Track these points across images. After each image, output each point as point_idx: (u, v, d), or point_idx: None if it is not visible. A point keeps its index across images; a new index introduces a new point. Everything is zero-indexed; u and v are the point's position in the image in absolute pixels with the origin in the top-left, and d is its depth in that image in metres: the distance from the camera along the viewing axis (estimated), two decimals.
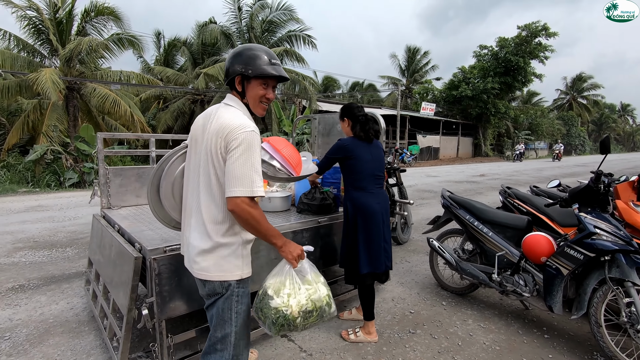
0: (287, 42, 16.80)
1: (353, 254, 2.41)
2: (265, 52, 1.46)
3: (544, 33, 24.04)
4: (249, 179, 1.31)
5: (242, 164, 1.31)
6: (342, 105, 2.67)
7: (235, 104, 1.47)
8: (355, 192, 2.43)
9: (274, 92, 1.51)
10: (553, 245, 2.51)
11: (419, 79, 35.83)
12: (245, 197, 1.31)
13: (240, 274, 1.47)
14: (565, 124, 41.55)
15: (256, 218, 1.36)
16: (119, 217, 2.66)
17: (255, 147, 1.34)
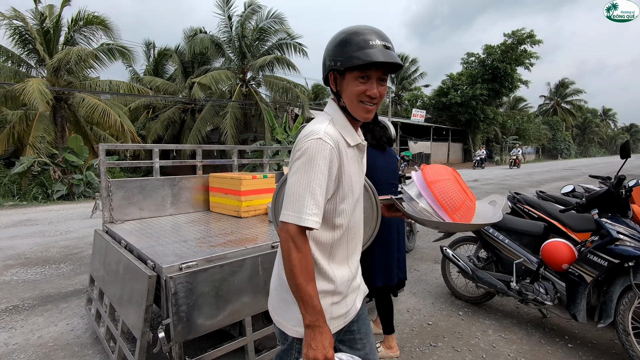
0: (278, 50, 16.80)
1: (366, 265, 2.32)
2: (363, 33, 1.05)
3: (530, 40, 24.63)
4: (301, 201, 0.97)
5: (297, 181, 0.99)
6: None
7: (332, 109, 1.13)
8: None
9: (384, 86, 1.07)
10: (574, 252, 2.47)
11: (408, 86, 36.31)
12: (293, 225, 0.97)
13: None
14: (550, 128, 42.46)
15: (292, 260, 0.97)
16: (125, 232, 2.53)
17: (319, 160, 0.98)
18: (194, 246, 2.18)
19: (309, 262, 0.99)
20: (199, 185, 3.35)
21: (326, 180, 1.00)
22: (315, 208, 0.97)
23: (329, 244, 1.11)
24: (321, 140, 1.00)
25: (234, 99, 15.33)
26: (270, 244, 2.24)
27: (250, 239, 2.35)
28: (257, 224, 2.79)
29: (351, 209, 1.12)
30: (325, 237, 1.10)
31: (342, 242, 1.13)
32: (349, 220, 1.13)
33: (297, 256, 0.97)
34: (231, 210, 3.11)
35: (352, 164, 1.10)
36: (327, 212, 1.07)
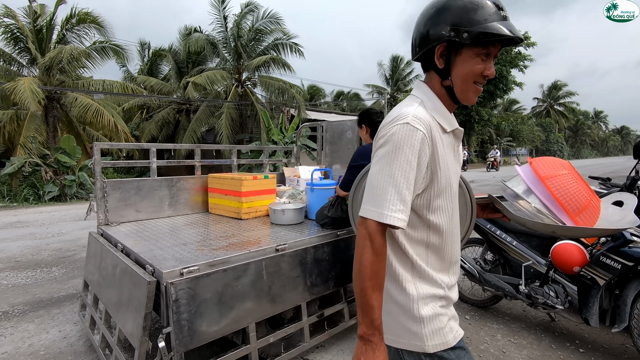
0: (274, 51, 16.71)
1: None
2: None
3: (524, 42, 24.77)
4: (382, 195, 0.84)
5: (380, 172, 0.86)
6: (360, 112, 2.53)
7: (420, 91, 0.96)
8: None
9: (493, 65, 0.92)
10: (585, 255, 2.41)
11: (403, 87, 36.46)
12: (372, 221, 0.84)
13: (422, 345, 0.91)
14: (544, 130, 42.87)
15: (364, 261, 0.84)
16: (121, 235, 2.42)
17: (405, 148, 0.84)
18: (194, 250, 2.08)
19: (382, 268, 0.85)
20: (197, 186, 3.25)
21: (414, 172, 0.85)
22: (400, 204, 0.83)
23: (424, 245, 0.94)
24: (408, 125, 0.85)
25: (230, 100, 15.19)
26: (275, 247, 2.15)
27: (253, 241, 2.25)
28: (258, 226, 2.69)
29: (449, 206, 0.95)
30: (418, 237, 0.94)
31: (440, 245, 0.95)
32: (448, 220, 0.95)
33: (371, 258, 0.84)
34: (231, 211, 3.01)
35: (448, 153, 0.93)
36: (417, 207, 0.92)
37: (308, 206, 2.95)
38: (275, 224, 2.75)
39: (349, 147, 3.49)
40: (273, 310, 2.09)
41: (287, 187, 3.57)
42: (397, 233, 0.92)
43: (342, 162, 3.58)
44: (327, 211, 2.57)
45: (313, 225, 2.73)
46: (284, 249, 2.18)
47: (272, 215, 2.79)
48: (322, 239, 2.44)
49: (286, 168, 3.83)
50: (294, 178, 3.62)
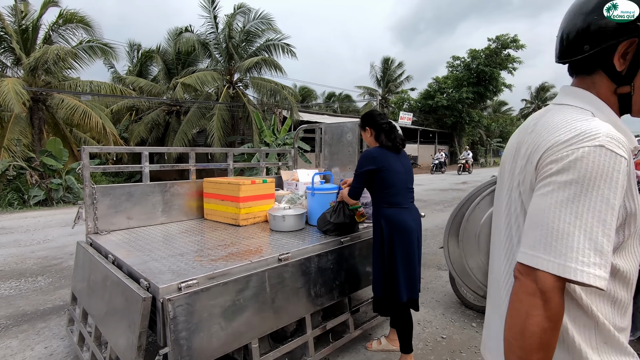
0: (266, 52, 16.57)
1: (391, 279, 2.13)
2: None
3: (514, 45, 25.10)
4: (565, 241, 0.63)
5: (559, 206, 0.65)
6: (363, 114, 2.43)
7: (583, 100, 0.76)
8: (389, 208, 2.17)
9: None
10: None
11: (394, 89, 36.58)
12: (548, 275, 0.63)
13: None
14: None
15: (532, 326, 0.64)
16: (112, 245, 2.27)
17: (603, 181, 0.63)
18: (192, 260, 1.95)
19: (555, 338, 0.64)
20: (192, 191, 3.11)
21: (614, 214, 0.64)
22: (596, 255, 0.62)
23: (609, 300, 0.73)
24: (604, 149, 0.64)
25: (221, 101, 15.00)
26: (277, 257, 2.03)
27: (254, 250, 2.13)
28: (258, 233, 2.57)
29: (636, 247, 0.74)
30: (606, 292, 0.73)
31: (626, 299, 0.74)
32: (634, 264, 0.74)
33: (543, 324, 0.62)
34: (228, 217, 2.88)
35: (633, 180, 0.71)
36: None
37: (309, 211, 2.84)
38: (275, 231, 2.63)
39: (350, 150, 3.39)
40: (276, 324, 1.97)
41: (285, 191, 3.45)
42: (575, 286, 0.70)
43: (341, 165, 3.48)
44: (329, 217, 2.45)
45: (314, 231, 2.62)
46: (287, 259, 2.07)
47: (271, 221, 2.66)
48: (326, 246, 2.33)
49: (284, 171, 3.72)
50: (292, 182, 3.50)
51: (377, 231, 2.21)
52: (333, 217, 2.43)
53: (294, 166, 3.96)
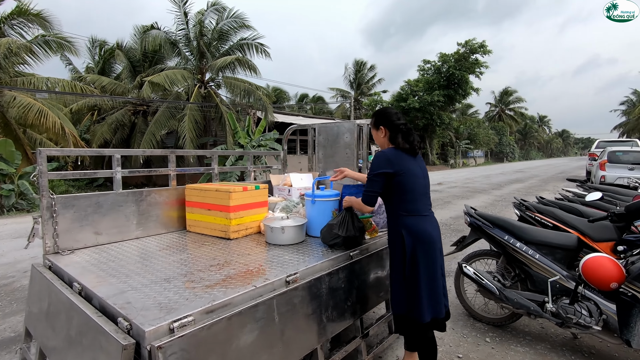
0: (239, 51, 16.04)
1: (413, 297, 1.88)
2: None
3: (481, 50, 25.96)
4: None
5: None
6: (376, 111, 2.16)
7: None
8: (410, 217, 1.92)
9: None
10: (621, 268, 2.21)
11: (367, 91, 37.03)
12: None
13: None
14: (497, 133, 45.34)
15: None
16: (77, 269, 1.86)
17: None
18: (182, 288, 1.59)
19: None
20: (172, 199, 2.72)
21: None
22: None
23: None
24: None
25: (192, 101, 14.31)
26: (284, 279, 1.71)
27: (255, 271, 1.80)
28: (253, 248, 2.23)
29: None
30: None
31: None
32: None
33: None
34: (216, 230, 2.51)
35: None
36: None
37: (308, 221, 2.54)
38: (272, 245, 2.31)
39: (347, 152, 3.11)
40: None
41: (277, 197, 3.12)
42: None
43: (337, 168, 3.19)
44: (337, 229, 2.15)
45: (317, 244, 2.32)
46: (296, 280, 1.75)
47: (268, 233, 2.34)
48: (336, 262, 2.04)
49: (274, 176, 3.38)
50: (284, 187, 3.18)
51: (397, 243, 1.94)
52: (342, 230, 2.14)
53: (283, 170, 3.64)
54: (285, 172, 3.53)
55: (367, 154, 3.08)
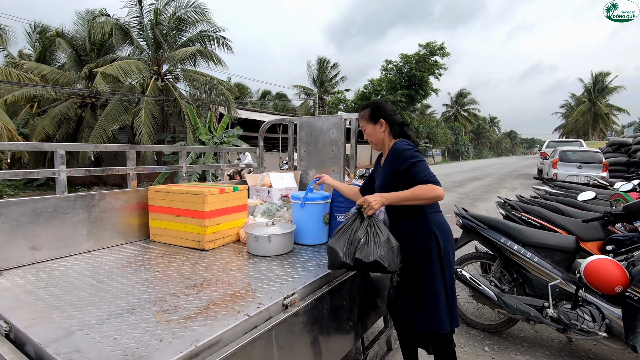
0: (200, 43, 15.21)
1: (454, 307, 1.69)
2: None
3: (440, 52, 26.84)
4: None
5: None
6: (368, 103, 1.91)
7: None
8: (438, 214, 1.77)
9: None
10: (624, 271, 2.13)
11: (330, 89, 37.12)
12: None
13: None
14: (453, 133, 47.38)
15: None
16: (5, 299, 1.42)
17: None
18: (152, 322, 1.23)
19: None
20: (131, 203, 2.29)
21: None
22: None
23: None
24: None
25: (148, 94, 13.33)
26: (281, 301, 1.40)
27: (243, 293, 1.47)
28: (235, 262, 1.89)
29: None
30: None
31: None
32: None
33: None
34: (188, 239, 2.13)
35: None
36: None
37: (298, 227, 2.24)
38: (256, 256, 1.98)
39: (333, 149, 2.84)
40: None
41: (255, 200, 2.78)
42: None
43: (322, 167, 2.91)
44: (354, 251, 1.54)
45: (307, 253, 2.03)
46: (294, 303, 1.45)
47: (251, 243, 2.00)
48: (335, 275, 1.76)
49: (250, 175, 3.03)
50: (263, 188, 2.84)
51: (430, 246, 1.68)
52: (362, 250, 1.53)
53: (259, 169, 3.29)
54: (264, 171, 3.19)
55: (354, 153, 2.83)
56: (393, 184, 1.71)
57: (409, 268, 1.70)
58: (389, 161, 1.78)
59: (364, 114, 1.91)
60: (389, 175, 1.75)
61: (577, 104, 46.36)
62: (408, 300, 1.72)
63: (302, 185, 3.00)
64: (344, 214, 2.23)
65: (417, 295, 1.69)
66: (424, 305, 1.67)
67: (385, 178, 1.78)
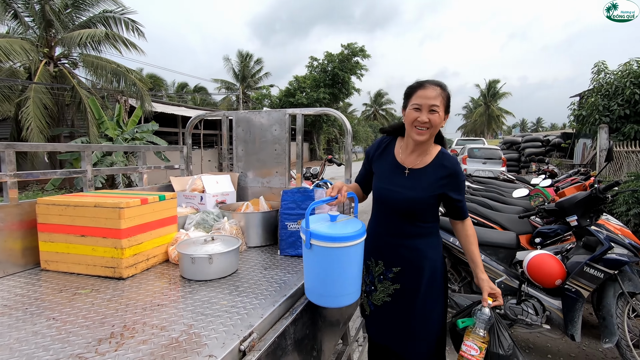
0: (104, 25, 13.35)
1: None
2: None
3: (361, 53, 27.94)
4: None
5: None
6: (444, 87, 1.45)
7: None
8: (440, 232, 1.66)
9: None
10: (562, 265, 2.25)
11: (253, 84, 36.18)
12: None
13: None
14: (373, 131, 50.03)
15: None
16: None
17: None
18: None
19: None
20: (10, 221, 1.70)
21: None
22: None
23: None
24: None
25: (37, 81, 11.25)
26: (237, 347, 1.09)
27: (182, 340, 1.11)
28: (165, 292, 1.49)
29: None
30: None
31: None
32: None
33: None
34: (98, 266, 1.65)
35: None
36: None
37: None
38: (192, 281, 1.60)
39: (277, 148, 2.54)
40: None
41: (185, 208, 2.35)
42: None
43: (263, 168, 2.59)
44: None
45: (256, 271, 1.71)
46: (253, 345, 1.14)
47: (186, 265, 1.61)
48: (293, 300, 1.48)
49: (176, 178, 2.56)
50: (194, 194, 2.42)
51: (441, 272, 1.56)
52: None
53: (187, 170, 2.82)
54: (192, 174, 2.74)
55: (301, 151, 2.57)
56: (432, 204, 1.49)
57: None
58: (443, 178, 1.46)
59: (446, 94, 1.43)
60: (435, 195, 1.46)
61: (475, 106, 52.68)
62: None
63: (240, 189, 2.64)
64: (296, 222, 1.96)
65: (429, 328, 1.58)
66: (433, 339, 1.58)
67: (428, 195, 1.46)
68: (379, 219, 1.61)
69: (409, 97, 1.46)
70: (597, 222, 2.33)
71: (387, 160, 1.58)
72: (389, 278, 1.56)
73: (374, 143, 1.67)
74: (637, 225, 4.14)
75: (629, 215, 4.20)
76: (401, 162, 1.53)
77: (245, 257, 1.92)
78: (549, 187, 3.50)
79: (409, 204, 1.47)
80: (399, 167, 1.53)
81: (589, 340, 2.51)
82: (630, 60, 8.26)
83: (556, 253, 2.41)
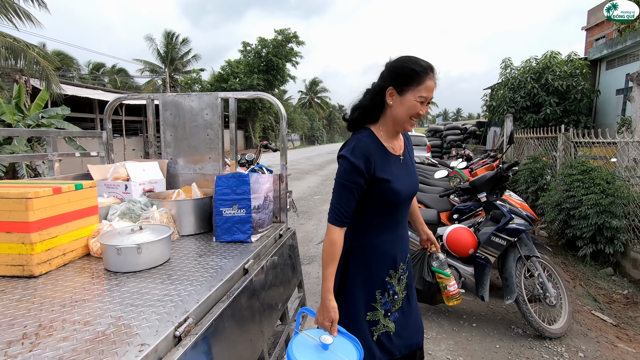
0: None
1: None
2: None
3: (295, 40, 27.73)
4: None
5: None
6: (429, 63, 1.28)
7: None
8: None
9: None
10: (474, 236, 2.55)
11: (181, 68, 33.88)
12: None
13: None
14: (309, 119, 50.38)
15: None
16: None
17: None
18: None
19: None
20: None
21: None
22: None
23: None
24: None
25: None
26: (172, 333, 1.07)
27: (110, 333, 1.05)
28: (86, 286, 1.38)
29: None
30: None
31: None
32: None
33: None
34: (2, 265, 1.46)
35: None
36: None
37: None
38: (118, 273, 1.51)
39: (209, 133, 2.45)
40: None
41: (108, 198, 2.16)
42: None
43: (195, 154, 2.49)
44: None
45: (190, 259, 1.67)
46: (189, 330, 1.13)
47: (111, 257, 1.51)
48: (231, 282, 1.48)
49: (94, 167, 2.34)
50: (117, 182, 2.24)
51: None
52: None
53: (107, 158, 2.59)
54: (114, 161, 2.52)
55: (234, 137, 2.51)
56: None
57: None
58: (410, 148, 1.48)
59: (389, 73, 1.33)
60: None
61: None
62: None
63: (170, 176, 2.51)
64: (231, 207, 1.94)
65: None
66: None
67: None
68: (391, 221, 1.41)
69: (412, 81, 1.22)
70: (502, 198, 2.68)
71: (385, 158, 1.34)
72: (405, 271, 1.48)
73: (357, 153, 1.30)
74: (533, 200, 4.84)
75: (527, 192, 4.89)
76: (393, 152, 1.37)
77: (178, 246, 1.85)
78: (465, 169, 3.91)
79: (417, 189, 1.45)
80: (395, 158, 1.37)
81: (495, 300, 2.92)
82: (530, 58, 9.45)
83: (470, 226, 2.73)
